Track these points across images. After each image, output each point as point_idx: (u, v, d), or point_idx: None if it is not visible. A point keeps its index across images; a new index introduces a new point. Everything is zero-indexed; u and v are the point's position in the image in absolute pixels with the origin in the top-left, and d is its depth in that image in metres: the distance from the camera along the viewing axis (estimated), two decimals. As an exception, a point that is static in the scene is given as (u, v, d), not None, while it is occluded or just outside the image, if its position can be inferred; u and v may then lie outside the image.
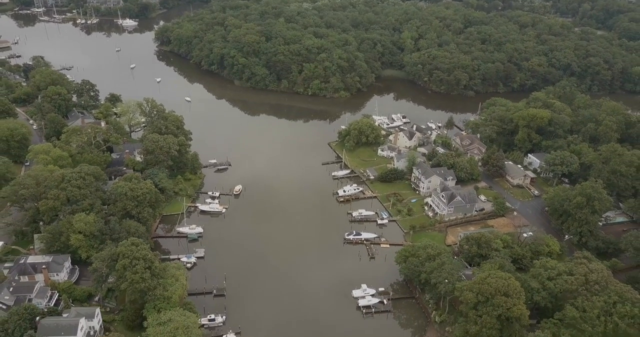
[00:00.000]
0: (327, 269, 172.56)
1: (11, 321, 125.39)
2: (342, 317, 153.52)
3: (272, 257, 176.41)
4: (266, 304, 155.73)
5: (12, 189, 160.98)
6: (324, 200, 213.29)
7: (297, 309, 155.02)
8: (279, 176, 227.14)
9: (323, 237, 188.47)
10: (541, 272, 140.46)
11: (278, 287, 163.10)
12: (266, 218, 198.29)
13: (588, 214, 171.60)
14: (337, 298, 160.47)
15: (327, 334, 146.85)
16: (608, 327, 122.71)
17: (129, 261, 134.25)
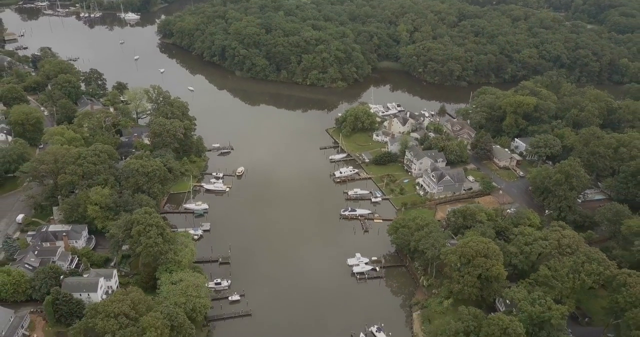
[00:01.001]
0: (324, 241, 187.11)
1: (38, 279, 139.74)
2: (337, 283, 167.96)
3: (273, 231, 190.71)
4: (268, 271, 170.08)
5: (32, 165, 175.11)
6: (322, 181, 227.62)
7: (296, 275, 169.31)
8: (279, 159, 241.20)
9: (320, 213, 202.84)
10: (519, 238, 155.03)
11: (279, 256, 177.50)
12: (267, 197, 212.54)
13: (566, 190, 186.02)
14: (333, 266, 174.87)
15: (324, 297, 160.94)
16: (576, 284, 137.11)
17: (143, 227, 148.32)
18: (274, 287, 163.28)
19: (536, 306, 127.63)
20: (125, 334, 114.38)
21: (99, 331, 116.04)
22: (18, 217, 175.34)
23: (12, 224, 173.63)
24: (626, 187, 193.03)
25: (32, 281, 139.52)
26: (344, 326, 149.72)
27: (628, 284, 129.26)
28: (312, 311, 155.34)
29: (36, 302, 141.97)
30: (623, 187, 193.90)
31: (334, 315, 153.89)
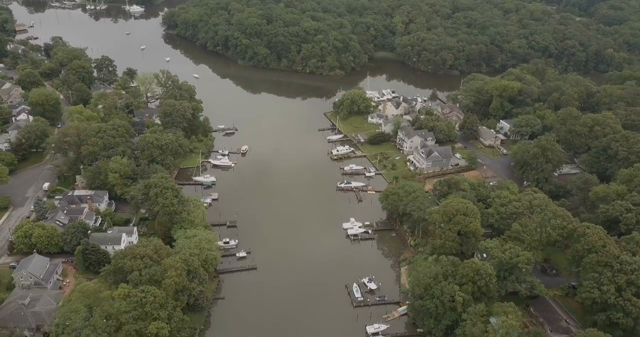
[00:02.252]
0: (322, 209, 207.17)
1: (69, 233, 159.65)
2: (333, 243, 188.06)
3: (275, 200, 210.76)
4: (270, 233, 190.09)
5: (58, 137, 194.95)
6: (320, 159, 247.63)
7: (296, 237, 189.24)
8: (280, 139, 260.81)
9: (318, 185, 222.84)
10: (496, 201, 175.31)
11: (281, 221, 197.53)
12: (269, 171, 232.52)
13: (543, 163, 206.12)
14: (329, 229, 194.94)
15: (322, 254, 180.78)
16: (542, 237, 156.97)
17: (160, 190, 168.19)
18: (277, 246, 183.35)
19: (506, 253, 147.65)
20: (150, 272, 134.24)
21: (127, 270, 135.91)
22: (44, 185, 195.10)
23: (39, 191, 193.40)
24: (597, 161, 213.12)
25: (64, 235, 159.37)
26: (339, 278, 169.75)
27: (586, 234, 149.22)
28: (311, 265, 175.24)
29: (67, 254, 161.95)
30: (595, 161, 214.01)
31: (330, 269, 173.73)
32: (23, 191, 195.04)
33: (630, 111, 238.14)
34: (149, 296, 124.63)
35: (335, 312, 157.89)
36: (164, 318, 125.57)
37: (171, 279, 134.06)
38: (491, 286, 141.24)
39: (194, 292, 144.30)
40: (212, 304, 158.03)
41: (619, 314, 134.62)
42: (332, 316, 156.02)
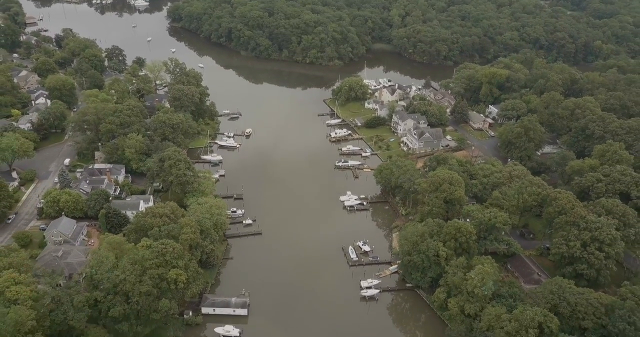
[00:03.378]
0: (321, 184, 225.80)
1: (92, 199, 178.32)
2: (331, 213, 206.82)
3: (278, 176, 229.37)
4: (273, 204, 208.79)
5: (78, 116, 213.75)
6: (319, 141, 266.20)
7: (297, 207, 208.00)
8: (282, 123, 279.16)
9: (318, 164, 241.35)
10: (479, 172, 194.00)
11: (283, 194, 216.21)
12: (272, 152, 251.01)
13: (525, 142, 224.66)
14: (327, 201, 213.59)
15: (320, 222, 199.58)
16: (520, 202, 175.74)
17: (174, 162, 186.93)
18: (280, 215, 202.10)
19: (485, 215, 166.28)
20: (168, 228, 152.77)
21: (147, 227, 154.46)
22: (65, 160, 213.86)
23: (60, 166, 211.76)
24: (577, 141, 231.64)
25: (88, 201, 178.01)
26: (336, 242, 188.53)
27: (557, 199, 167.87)
28: (310, 230, 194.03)
29: (90, 219, 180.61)
30: (574, 141, 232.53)
31: (328, 234, 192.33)
32: (46, 166, 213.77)
33: (609, 95, 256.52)
34: (168, 247, 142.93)
35: (333, 270, 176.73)
36: (182, 267, 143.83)
37: (187, 235, 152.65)
38: (471, 243, 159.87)
39: (206, 249, 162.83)
40: (222, 263, 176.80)
41: (583, 266, 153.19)
42: (330, 274, 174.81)
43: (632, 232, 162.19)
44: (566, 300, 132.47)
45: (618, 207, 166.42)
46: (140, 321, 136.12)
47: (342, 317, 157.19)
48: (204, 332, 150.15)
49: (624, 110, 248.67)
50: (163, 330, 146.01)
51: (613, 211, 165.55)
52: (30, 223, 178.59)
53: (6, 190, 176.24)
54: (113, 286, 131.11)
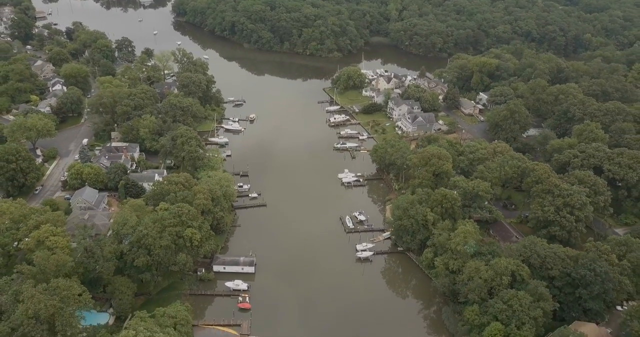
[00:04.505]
0: (320, 163, 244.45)
1: (111, 172, 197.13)
2: (329, 189, 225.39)
3: (280, 157, 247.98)
4: (276, 180, 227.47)
5: (95, 99, 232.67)
6: (319, 125, 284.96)
7: (298, 183, 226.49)
8: (284, 110, 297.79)
9: (317, 146, 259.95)
10: (466, 149, 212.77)
11: (285, 171, 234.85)
12: (274, 135, 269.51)
13: (511, 124, 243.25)
14: (326, 179, 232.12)
15: (320, 196, 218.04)
16: (501, 174, 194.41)
17: (186, 139, 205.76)
18: (282, 190, 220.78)
19: (469, 184, 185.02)
20: (183, 194, 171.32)
21: (164, 192, 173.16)
22: (84, 140, 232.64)
23: (79, 145, 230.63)
24: (559, 123, 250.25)
25: (108, 174, 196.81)
26: (334, 212, 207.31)
27: (535, 170, 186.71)
28: (310, 203, 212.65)
29: (110, 191, 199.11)
30: (557, 123, 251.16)
31: (326, 206, 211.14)
32: (66, 145, 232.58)
33: (592, 82, 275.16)
34: (184, 209, 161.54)
35: (331, 236, 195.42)
36: (196, 227, 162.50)
37: (200, 201, 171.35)
38: (456, 208, 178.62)
39: (216, 215, 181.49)
40: (230, 231, 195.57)
41: (556, 228, 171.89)
42: (329, 239, 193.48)
43: (601, 199, 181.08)
44: (537, 253, 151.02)
45: (589, 178, 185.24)
46: (160, 272, 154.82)
47: (339, 276, 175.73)
48: (216, 286, 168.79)
49: (605, 96, 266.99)
50: (179, 284, 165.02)
51: (585, 181, 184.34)
52: (55, 194, 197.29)
53: (34, 163, 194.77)
54: (137, 240, 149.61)
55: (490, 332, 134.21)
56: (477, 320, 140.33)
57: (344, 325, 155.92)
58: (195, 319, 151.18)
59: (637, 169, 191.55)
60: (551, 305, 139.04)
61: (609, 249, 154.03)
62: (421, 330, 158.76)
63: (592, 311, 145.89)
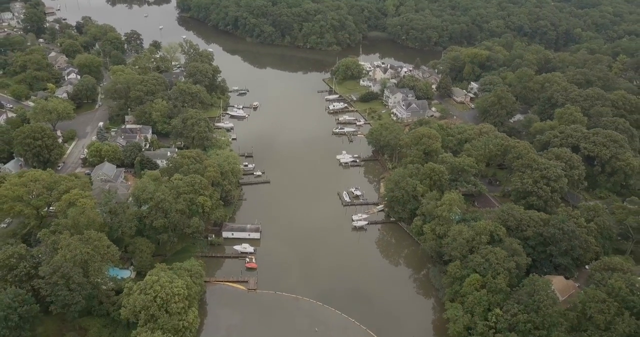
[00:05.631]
0: (320, 146, 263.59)
1: (127, 150, 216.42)
2: (328, 169, 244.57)
3: (282, 140, 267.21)
4: (279, 161, 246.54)
5: (110, 85, 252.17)
6: (318, 113, 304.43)
7: (299, 163, 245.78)
8: (285, 98, 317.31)
9: (317, 131, 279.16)
10: (454, 130, 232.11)
11: (286, 154, 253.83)
12: (276, 121, 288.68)
13: (498, 109, 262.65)
14: (325, 160, 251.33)
15: (319, 175, 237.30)
16: (486, 151, 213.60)
17: (195, 120, 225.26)
18: (284, 169, 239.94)
19: (456, 160, 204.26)
20: (195, 167, 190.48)
21: (178, 165, 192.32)
22: (99, 124, 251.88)
23: (95, 128, 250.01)
24: (544, 109, 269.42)
25: (124, 151, 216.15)
26: (332, 188, 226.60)
27: (516, 147, 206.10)
28: (310, 181, 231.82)
29: (126, 167, 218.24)
30: (542, 109, 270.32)
31: (325, 184, 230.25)
32: (83, 128, 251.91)
33: (576, 72, 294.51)
34: (196, 179, 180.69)
35: (329, 209, 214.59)
36: (207, 196, 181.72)
37: (210, 173, 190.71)
38: (443, 181, 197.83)
39: (225, 188, 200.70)
40: (237, 204, 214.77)
41: (534, 198, 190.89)
42: (327, 211, 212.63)
43: (575, 173, 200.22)
44: (513, 216, 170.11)
45: (566, 154, 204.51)
46: (176, 234, 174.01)
47: (336, 242, 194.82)
48: (225, 250, 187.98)
49: (588, 84, 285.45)
50: (192, 247, 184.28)
51: (561, 157, 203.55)
52: (76, 170, 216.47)
53: (57, 141, 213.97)
54: (155, 204, 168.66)
55: (469, 282, 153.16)
56: (459, 273, 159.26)
57: (340, 282, 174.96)
58: (207, 277, 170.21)
59: (610, 146, 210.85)
60: (524, 259, 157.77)
61: (578, 213, 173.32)
62: (410, 286, 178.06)
63: (562, 267, 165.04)
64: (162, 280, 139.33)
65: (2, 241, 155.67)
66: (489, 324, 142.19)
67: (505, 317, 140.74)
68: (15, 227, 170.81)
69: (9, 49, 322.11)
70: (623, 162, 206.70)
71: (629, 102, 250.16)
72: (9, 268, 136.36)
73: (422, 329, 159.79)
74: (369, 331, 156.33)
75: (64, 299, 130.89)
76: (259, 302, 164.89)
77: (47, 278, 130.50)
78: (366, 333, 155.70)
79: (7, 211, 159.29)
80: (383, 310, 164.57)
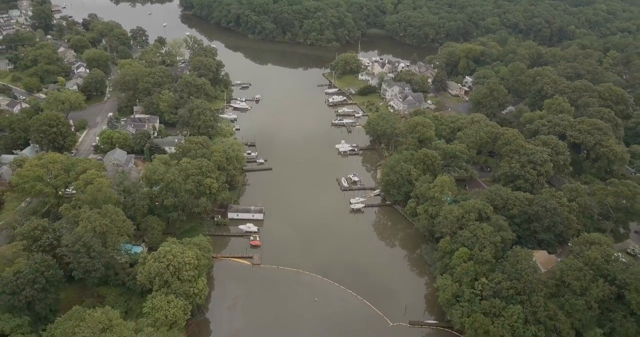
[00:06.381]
0: (320, 136, 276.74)
1: (137, 137, 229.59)
2: (327, 157, 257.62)
3: (283, 130, 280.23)
4: (280, 150, 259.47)
5: (120, 77, 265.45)
6: (318, 105, 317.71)
7: (299, 152, 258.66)
8: (286, 90, 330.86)
9: (317, 123, 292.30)
10: (447, 119, 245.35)
11: (288, 142, 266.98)
12: (278, 113, 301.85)
13: (491, 101, 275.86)
14: (325, 149, 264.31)
15: (319, 163, 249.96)
16: (477, 138, 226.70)
17: (201, 110, 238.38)
18: (285, 157, 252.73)
19: (449, 146, 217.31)
20: (202, 151, 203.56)
21: (186, 150, 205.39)
22: (109, 114, 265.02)
23: (104, 118, 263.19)
24: (534, 100, 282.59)
25: (134, 138, 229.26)
26: (332, 174, 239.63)
27: (505, 134, 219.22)
28: (311, 168, 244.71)
29: (136, 154, 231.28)
30: (533, 101, 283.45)
31: (325, 171, 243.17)
32: (93, 118, 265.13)
33: (566, 66, 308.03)
34: (204, 163, 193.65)
35: (329, 194, 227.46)
36: (214, 178, 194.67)
37: (216, 157, 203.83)
38: (436, 165, 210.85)
39: (230, 172, 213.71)
40: (241, 188, 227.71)
41: (521, 181, 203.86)
42: (327, 196, 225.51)
43: (561, 158, 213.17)
44: (500, 196, 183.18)
45: (552, 140, 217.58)
46: (185, 213, 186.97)
47: (335, 224, 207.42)
48: (230, 229, 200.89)
49: (578, 77, 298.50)
50: (199, 227, 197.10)
51: (548, 143, 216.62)
52: (89, 156, 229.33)
53: (70, 129, 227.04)
54: (166, 184, 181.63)
55: (458, 255, 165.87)
56: (449, 248, 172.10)
57: (339, 258, 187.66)
58: (214, 253, 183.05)
59: (594, 134, 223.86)
60: (510, 234, 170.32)
61: (561, 194, 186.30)
62: (404, 263, 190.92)
63: (545, 242, 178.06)
64: (174, 250, 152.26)
65: (24, 217, 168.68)
66: (475, 292, 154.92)
67: (490, 285, 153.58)
68: (35, 206, 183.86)
69: (19, 44, 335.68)
70: (606, 148, 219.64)
71: (615, 94, 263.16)
72: (33, 239, 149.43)
73: (415, 299, 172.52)
74: (365, 301, 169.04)
75: (85, 265, 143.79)
76: (262, 276, 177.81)
77: (70, 246, 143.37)
78: (362, 303, 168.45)
79: (28, 190, 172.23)
80: (378, 283, 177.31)
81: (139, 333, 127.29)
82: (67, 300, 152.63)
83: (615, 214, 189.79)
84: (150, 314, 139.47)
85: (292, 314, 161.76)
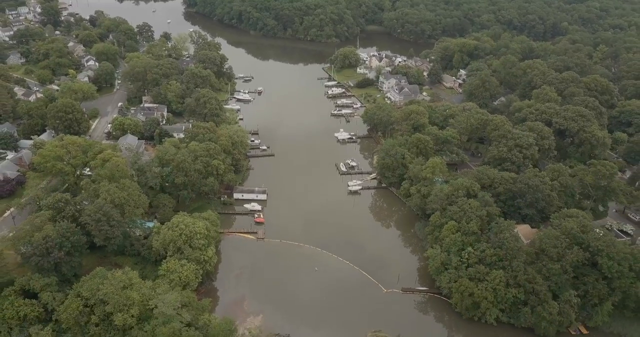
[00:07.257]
0: (319, 125, 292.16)
1: (147, 124, 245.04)
2: (327, 145, 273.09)
3: (285, 119, 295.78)
4: (282, 137, 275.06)
5: (129, 68, 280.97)
6: (318, 97, 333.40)
7: (300, 140, 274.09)
8: (287, 84, 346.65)
9: (317, 113, 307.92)
10: (440, 107, 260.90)
11: (289, 130, 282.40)
12: (280, 104, 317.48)
13: (482, 91, 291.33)
14: (325, 137, 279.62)
15: (319, 150, 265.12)
16: (467, 125, 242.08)
17: (207, 99, 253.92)
18: (287, 144, 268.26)
19: (440, 131, 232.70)
20: (209, 135, 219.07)
21: (194, 135, 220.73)
22: (119, 104, 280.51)
23: (115, 108, 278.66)
24: (525, 91, 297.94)
25: (144, 125, 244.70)
26: (330, 160, 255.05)
27: (493, 120, 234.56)
28: (311, 155, 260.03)
29: (146, 140, 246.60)
30: (523, 92, 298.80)
31: (324, 157, 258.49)
32: (104, 108, 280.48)
33: (556, 59, 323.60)
34: (211, 145, 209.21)
35: (327, 178, 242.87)
36: (221, 160, 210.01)
37: (222, 141, 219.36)
38: (429, 149, 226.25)
39: (235, 156, 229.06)
40: (245, 173, 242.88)
41: (508, 163, 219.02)
42: (326, 179, 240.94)
43: (546, 142, 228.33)
44: (487, 175, 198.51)
45: (538, 126, 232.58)
46: (194, 191, 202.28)
47: (334, 204, 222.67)
48: (236, 208, 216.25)
49: (567, 70, 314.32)
50: (207, 205, 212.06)
51: (534, 129, 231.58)
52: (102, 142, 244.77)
53: (84, 116, 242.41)
54: (176, 164, 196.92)
55: (447, 228, 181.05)
56: (439, 222, 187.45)
57: (338, 234, 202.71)
58: (221, 229, 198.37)
59: (578, 121, 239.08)
60: (495, 209, 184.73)
61: (544, 174, 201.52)
62: (398, 239, 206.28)
63: (528, 218, 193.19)
64: (186, 221, 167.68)
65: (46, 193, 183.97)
66: (462, 260, 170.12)
67: (476, 254, 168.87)
68: (56, 184, 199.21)
69: (30, 39, 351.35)
70: (589, 133, 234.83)
71: (600, 85, 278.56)
72: (57, 210, 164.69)
73: (407, 269, 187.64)
74: (361, 270, 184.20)
75: (105, 233, 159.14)
76: (266, 248, 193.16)
77: (92, 215, 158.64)
78: (359, 272, 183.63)
79: (50, 169, 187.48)
80: (374, 256, 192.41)
81: (156, 289, 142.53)
82: (88, 267, 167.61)
83: (594, 192, 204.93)
84: (166, 275, 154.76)
85: (293, 281, 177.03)
